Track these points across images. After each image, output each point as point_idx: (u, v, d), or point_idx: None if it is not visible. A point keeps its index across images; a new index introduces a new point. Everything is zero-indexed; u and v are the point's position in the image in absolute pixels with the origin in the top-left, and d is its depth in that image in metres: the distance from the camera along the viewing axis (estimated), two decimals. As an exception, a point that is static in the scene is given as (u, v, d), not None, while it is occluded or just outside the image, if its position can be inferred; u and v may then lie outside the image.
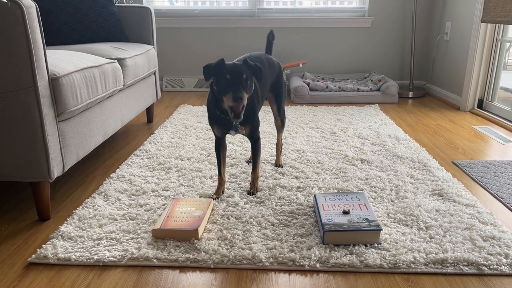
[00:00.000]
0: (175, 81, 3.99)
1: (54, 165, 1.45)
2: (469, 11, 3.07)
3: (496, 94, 3.00)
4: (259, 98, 1.68)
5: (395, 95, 3.39)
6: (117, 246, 1.33)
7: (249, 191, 1.70)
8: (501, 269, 1.21)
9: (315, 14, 3.89)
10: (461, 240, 1.34)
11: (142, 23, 2.71)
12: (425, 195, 1.67)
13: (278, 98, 1.90)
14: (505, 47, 2.94)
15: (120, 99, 2.13)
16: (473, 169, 1.94)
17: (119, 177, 1.86)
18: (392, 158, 2.08)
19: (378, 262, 1.24)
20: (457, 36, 3.27)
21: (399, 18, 3.82)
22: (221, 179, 1.71)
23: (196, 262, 1.26)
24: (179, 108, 3.18)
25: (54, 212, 1.58)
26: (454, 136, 2.51)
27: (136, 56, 2.30)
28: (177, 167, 1.97)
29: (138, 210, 1.56)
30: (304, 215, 1.52)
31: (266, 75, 1.76)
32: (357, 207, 1.47)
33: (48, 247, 1.32)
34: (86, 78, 1.64)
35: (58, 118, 1.48)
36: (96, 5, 2.52)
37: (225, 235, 1.38)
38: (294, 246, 1.32)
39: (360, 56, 3.95)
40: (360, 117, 2.88)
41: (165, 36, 3.92)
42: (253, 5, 3.89)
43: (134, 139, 2.48)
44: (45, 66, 1.40)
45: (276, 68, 1.89)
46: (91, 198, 1.66)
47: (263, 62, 1.76)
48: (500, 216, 1.53)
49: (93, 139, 1.77)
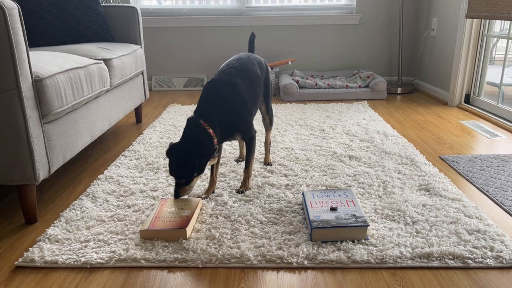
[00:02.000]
0: (164, 81, 3.97)
1: (39, 167, 1.44)
2: (455, 7, 3.10)
3: (483, 89, 3.03)
4: (248, 106, 1.64)
5: (383, 91, 3.41)
6: (105, 247, 1.32)
7: (238, 189, 1.71)
8: (486, 262, 1.23)
9: (303, 11, 3.90)
10: (446, 234, 1.35)
11: (128, 23, 2.69)
12: (412, 190, 1.69)
13: (266, 97, 1.90)
14: (491, 42, 2.97)
15: (107, 100, 2.12)
16: (460, 164, 1.96)
17: (107, 178, 1.85)
18: (380, 154, 2.09)
19: (365, 258, 1.25)
20: (444, 32, 3.30)
21: (387, 14, 3.85)
22: (213, 179, 1.71)
23: (184, 262, 1.26)
24: (168, 107, 3.17)
25: (41, 215, 1.57)
26: (441, 131, 2.53)
27: (123, 56, 2.29)
28: (166, 167, 1.96)
29: (126, 211, 1.56)
30: (292, 213, 1.52)
31: (259, 75, 1.77)
32: (345, 203, 1.47)
33: (35, 250, 1.31)
34: (71, 79, 1.63)
35: (43, 120, 1.47)
36: (81, 5, 2.50)
37: (214, 234, 1.38)
38: (282, 244, 1.32)
39: (348, 53, 3.96)
40: (349, 114, 2.90)
41: (153, 35, 3.90)
42: (241, 3, 3.88)
43: (123, 140, 2.47)
44: (29, 67, 1.39)
45: (264, 68, 1.89)
46: (79, 200, 1.65)
47: (253, 64, 1.77)
48: (485, 209, 1.55)
49: (79, 140, 1.76)
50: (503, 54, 2.79)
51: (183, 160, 1.47)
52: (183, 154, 1.48)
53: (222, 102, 1.56)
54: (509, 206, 1.56)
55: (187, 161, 1.46)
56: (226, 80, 1.61)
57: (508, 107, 2.69)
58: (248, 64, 1.73)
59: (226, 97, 1.57)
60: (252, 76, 1.71)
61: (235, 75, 1.63)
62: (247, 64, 1.73)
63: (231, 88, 1.59)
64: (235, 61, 1.72)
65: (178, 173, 1.48)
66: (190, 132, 1.52)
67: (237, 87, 1.60)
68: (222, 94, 1.57)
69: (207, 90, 1.60)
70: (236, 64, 1.70)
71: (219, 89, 1.58)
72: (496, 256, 1.25)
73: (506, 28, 2.95)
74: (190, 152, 1.48)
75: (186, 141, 1.51)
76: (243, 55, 1.80)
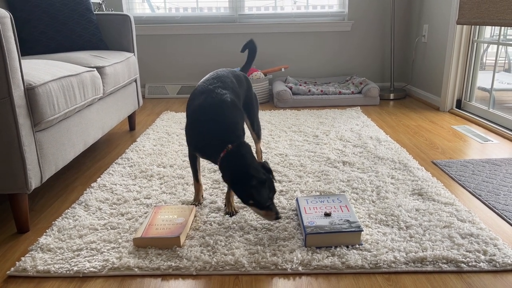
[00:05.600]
0: (157, 88, 3.97)
1: (31, 176, 1.43)
2: (445, 13, 3.14)
3: (474, 94, 3.07)
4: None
5: (376, 97, 3.44)
6: (98, 256, 1.31)
7: (225, 210, 1.61)
8: (480, 265, 1.23)
9: (296, 19, 3.93)
10: (440, 238, 1.36)
11: (121, 30, 2.69)
12: (405, 195, 1.70)
13: (251, 114, 1.81)
14: (481, 48, 3.01)
15: (100, 108, 2.11)
16: (452, 168, 1.98)
17: (100, 186, 1.84)
18: (373, 160, 2.10)
19: (360, 263, 1.25)
20: (435, 38, 3.33)
21: (378, 21, 3.89)
22: (199, 185, 1.68)
23: (178, 270, 1.25)
24: (161, 115, 3.17)
25: (33, 224, 1.56)
26: (433, 136, 2.55)
27: (115, 64, 2.29)
28: (159, 175, 1.96)
29: (120, 219, 1.55)
30: (286, 219, 1.52)
31: (239, 93, 1.67)
32: (339, 209, 1.48)
33: (27, 259, 1.30)
34: (63, 87, 1.63)
35: (35, 128, 1.46)
36: (74, 13, 2.50)
37: (208, 241, 1.37)
38: (277, 250, 1.32)
39: (341, 59, 3.99)
40: (342, 120, 2.91)
41: (147, 43, 3.91)
42: (234, 11, 3.90)
43: (116, 148, 2.46)
44: (21, 76, 1.38)
45: (244, 83, 1.77)
46: (71, 208, 1.64)
47: (233, 82, 1.65)
48: (478, 213, 1.56)
49: (72, 148, 1.75)
50: (494, 60, 2.82)
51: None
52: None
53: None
54: (501, 209, 1.57)
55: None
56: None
57: (499, 112, 2.72)
58: (226, 80, 1.61)
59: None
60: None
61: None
62: (226, 80, 1.61)
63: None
64: (211, 77, 1.61)
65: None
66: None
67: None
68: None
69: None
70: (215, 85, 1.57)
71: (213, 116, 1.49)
72: (490, 259, 1.25)
73: (497, 34, 2.99)
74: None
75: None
76: (221, 71, 1.68)
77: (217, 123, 1.46)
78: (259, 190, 1.35)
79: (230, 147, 1.42)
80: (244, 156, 1.42)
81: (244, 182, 1.36)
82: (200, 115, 1.48)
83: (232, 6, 3.90)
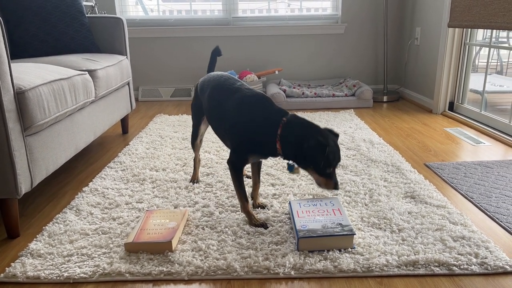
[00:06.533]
0: (151, 91, 3.96)
1: (21, 181, 1.41)
2: (437, 16, 3.16)
3: (466, 96, 3.08)
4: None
5: (369, 99, 3.45)
6: (89, 262, 1.30)
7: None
8: (471, 268, 1.23)
9: (290, 21, 3.93)
10: (432, 241, 1.36)
11: (114, 33, 2.68)
12: (398, 197, 1.70)
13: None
14: (474, 51, 3.03)
15: (92, 111, 2.10)
16: (444, 171, 1.99)
17: (92, 190, 1.83)
18: (366, 162, 2.10)
19: (352, 267, 1.24)
20: (427, 41, 3.35)
21: (371, 24, 3.90)
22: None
23: (170, 275, 1.24)
24: (155, 118, 3.15)
25: (24, 229, 1.54)
26: (426, 138, 2.56)
27: (108, 67, 2.27)
28: (152, 178, 1.95)
29: (111, 223, 1.54)
30: (279, 222, 1.52)
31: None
32: (331, 212, 1.48)
33: (17, 265, 1.28)
34: (54, 91, 1.61)
35: (25, 132, 1.44)
36: (66, 16, 2.48)
37: (200, 246, 1.37)
38: (269, 254, 1.32)
39: (334, 62, 4.00)
40: (336, 122, 2.91)
41: (140, 46, 3.90)
42: (228, 14, 3.90)
43: (109, 151, 2.44)
44: (10, 80, 1.37)
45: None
46: (62, 213, 1.62)
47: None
48: (470, 216, 1.57)
49: (63, 153, 1.74)
50: (486, 62, 2.84)
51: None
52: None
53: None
54: (493, 212, 1.57)
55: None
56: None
57: (491, 114, 2.74)
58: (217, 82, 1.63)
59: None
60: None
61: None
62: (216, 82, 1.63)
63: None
64: (206, 79, 1.64)
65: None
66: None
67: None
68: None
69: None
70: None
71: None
72: (481, 262, 1.25)
73: (489, 37, 3.01)
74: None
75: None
76: (213, 74, 1.71)
77: (264, 109, 1.43)
78: (327, 155, 1.28)
79: (284, 119, 1.38)
80: (305, 122, 1.39)
81: (313, 145, 1.28)
82: (249, 112, 1.45)
83: (226, 9, 3.90)
